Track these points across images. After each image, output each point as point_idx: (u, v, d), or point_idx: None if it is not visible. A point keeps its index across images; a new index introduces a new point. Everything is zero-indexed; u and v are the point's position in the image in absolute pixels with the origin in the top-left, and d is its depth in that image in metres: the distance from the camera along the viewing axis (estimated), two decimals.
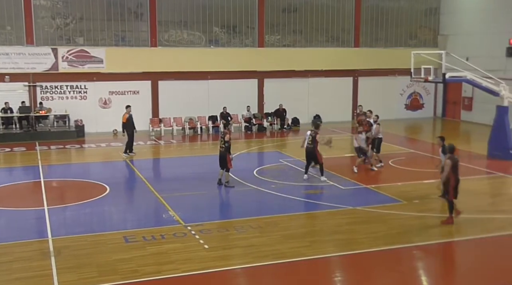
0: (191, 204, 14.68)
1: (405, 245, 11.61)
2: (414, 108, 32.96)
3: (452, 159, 12.84)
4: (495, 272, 10.50)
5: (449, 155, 13.02)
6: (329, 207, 14.30)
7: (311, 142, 16.70)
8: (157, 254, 11.07)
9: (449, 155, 13.02)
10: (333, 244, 11.81)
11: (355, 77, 31.19)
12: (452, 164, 12.77)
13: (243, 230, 12.50)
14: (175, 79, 27.67)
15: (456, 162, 12.90)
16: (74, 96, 26.49)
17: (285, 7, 29.87)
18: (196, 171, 18.97)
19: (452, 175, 12.82)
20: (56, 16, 26.28)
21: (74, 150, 23.03)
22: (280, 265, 10.62)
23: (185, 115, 27.63)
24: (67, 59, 25.92)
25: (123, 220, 13.84)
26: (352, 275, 10.44)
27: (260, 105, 29.48)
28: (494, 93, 20.74)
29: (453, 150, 13.09)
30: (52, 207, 14.24)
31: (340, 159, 19.37)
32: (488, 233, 12.39)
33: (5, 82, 25.26)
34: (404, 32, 32.31)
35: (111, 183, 16.77)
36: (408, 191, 15.89)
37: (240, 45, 29.23)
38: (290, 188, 16.18)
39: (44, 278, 9.91)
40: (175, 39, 28.24)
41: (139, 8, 27.46)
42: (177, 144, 24.99)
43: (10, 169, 19.97)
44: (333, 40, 31.03)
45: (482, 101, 28.28)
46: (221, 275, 10.21)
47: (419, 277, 10.49)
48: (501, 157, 20.13)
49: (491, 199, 15.91)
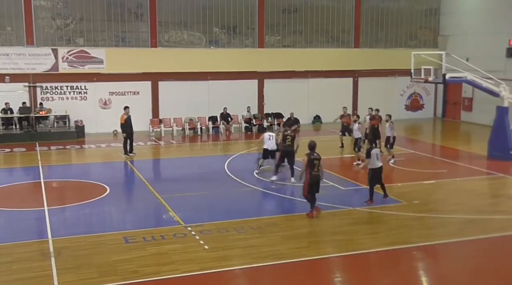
0: (191, 205, 14.68)
1: (405, 245, 11.60)
2: (414, 109, 32.96)
3: (309, 156, 13.26)
4: (495, 273, 10.50)
5: (308, 152, 13.37)
6: (329, 207, 14.30)
7: (291, 142, 16.77)
8: (157, 254, 11.07)
9: (308, 152, 13.37)
10: (333, 244, 11.81)
11: (355, 77, 31.20)
12: (307, 160, 13.19)
13: (243, 231, 12.50)
14: (175, 80, 27.67)
15: (313, 159, 13.18)
16: (74, 96, 26.50)
17: (285, 8, 29.87)
18: (196, 172, 18.98)
19: (308, 171, 13.16)
20: (56, 17, 26.29)
21: (74, 150, 23.03)
22: (280, 266, 10.62)
23: (185, 115, 27.64)
24: (67, 60, 25.93)
25: (123, 221, 13.85)
26: (352, 275, 10.44)
27: (260, 106, 29.50)
28: (494, 94, 20.75)
29: (313, 148, 13.38)
30: (52, 208, 14.24)
31: (340, 159, 19.38)
32: (488, 234, 12.40)
33: (5, 83, 25.27)
34: (404, 33, 32.31)
35: (111, 184, 16.77)
36: (408, 191, 15.89)
37: (240, 46, 29.24)
38: (290, 189, 16.19)
39: (44, 279, 9.92)
40: (175, 39, 28.24)
41: (139, 8, 27.47)
42: (177, 144, 24.99)
43: (10, 169, 19.97)
44: (333, 41, 31.04)
45: (482, 102, 28.29)
46: (221, 275, 10.21)
47: (419, 278, 10.50)
48: (501, 157, 20.13)
49: (491, 200, 15.91)
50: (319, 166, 13.30)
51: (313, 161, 13.24)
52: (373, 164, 14.57)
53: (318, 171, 13.33)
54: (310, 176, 13.26)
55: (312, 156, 13.29)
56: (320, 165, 13.32)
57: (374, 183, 14.68)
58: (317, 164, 13.26)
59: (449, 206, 14.80)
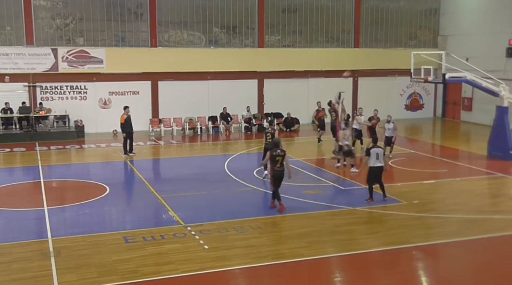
0: (191, 205, 14.68)
1: (404, 245, 11.60)
2: (414, 109, 32.96)
3: (271, 152, 13.94)
4: (495, 273, 10.49)
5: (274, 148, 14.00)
6: (329, 207, 14.30)
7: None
8: (156, 254, 11.07)
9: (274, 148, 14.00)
10: (333, 244, 11.80)
11: (355, 77, 31.18)
12: (270, 156, 13.94)
13: (242, 231, 12.50)
14: (175, 80, 27.66)
15: (275, 155, 13.75)
16: (74, 96, 26.49)
17: (285, 8, 29.86)
18: (196, 172, 18.97)
19: (271, 167, 13.94)
20: (56, 17, 26.28)
21: (74, 150, 23.03)
22: (279, 266, 10.62)
23: (185, 115, 27.64)
24: (67, 60, 25.92)
25: (123, 221, 13.86)
26: (352, 275, 10.44)
27: (260, 106, 29.49)
28: (494, 94, 20.75)
29: (276, 144, 14.07)
30: (52, 208, 14.24)
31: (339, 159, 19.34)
32: (488, 234, 12.40)
33: (5, 83, 25.27)
34: (404, 33, 32.31)
35: (111, 184, 16.77)
36: (408, 191, 15.89)
37: (240, 46, 29.23)
38: (289, 189, 16.16)
39: (43, 279, 9.91)
40: (175, 39, 28.24)
41: (139, 8, 27.47)
42: (177, 144, 24.98)
43: (10, 169, 19.97)
44: (333, 41, 31.04)
45: (482, 102, 28.30)
46: (221, 275, 10.21)
47: (419, 278, 10.49)
48: (501, 157, 20.13)
49: (491, 200, 15.91)
50: (282, 162, 13.76)
51: (275, 157, 13.78)
52: (372, 163, 14.58)
53: (281, 166, 13.79)
54: (273, 171, 13.92)
55: (274, 153, 13.83)
56: (284, 161, 13.80)
57: (373, 182, 14.71)
58: (280, 160, 13.75)
59: (449, 206, 14.81)
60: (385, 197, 14.87)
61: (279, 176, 13.88)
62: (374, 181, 14.70)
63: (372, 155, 14.57)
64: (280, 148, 13.94)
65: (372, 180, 14.69)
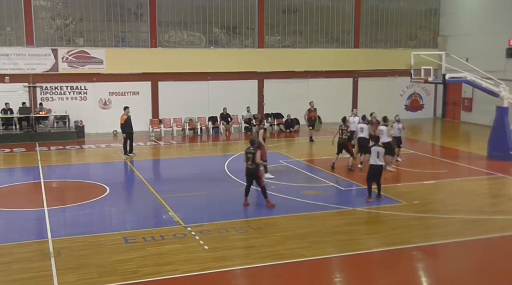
0: (191, 205, 14.68)
1: (405, 245, 11.61)
2: (414, 109, 32.96)
3: (245, 150, 14.47)
4: (495, 273, 10.49)
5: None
6: (329, 207, 14.30)
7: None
8: (157, 255, 11.07)
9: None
10: (333, 245, 11.80)
11: (355, 78, 31.20)
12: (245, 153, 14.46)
13: (242, 231, 12.50)
14: (175, 80, 27.67)
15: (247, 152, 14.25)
16: (74, 97, 26.50)
17: (285, 8, 29.87)
18: (196, 172, 18.97)
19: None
20: (56, 17, 26.29)
21: (74, 151, 23.02)
22: (279, 266, 10.61)
23: (185, 116, 27.64)
24: (67, 60, 25.92)
25: (123, 221, 13.86)
26: (352, 276, 10.43)
27: (260, 106, 29.49)
28: (494, 94, 20.75)
29: (251, 142, 14.45)
30: (52, 208, 14.24)
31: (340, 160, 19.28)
32: (488, 234, 12.40)
33: (5, 83, 25.27)
34: (404, 33, 32.31)
35: (111, 184, 16.77)
36: (408, 191, 15.90)
37: (240, 46, 29.24)
38: (289, 189, 16.19)
39: (44, 279, 9.91)
40: (175, 40, 28.25)
41: (139, 8, 27.47)
42: (177, 145, 24.99)
43: (10, 170, 19.96)
44: (333, 41, 31.04)
45: (482, 102, 28.30)
46: (221, 276, 10.21)
47: (419, 278, 10.49)
48: (501, 157, 20.13)
49: (491, 200, 15.91)
50: (253, 159, 14.09)
51: (247, 154, 14.26)
52: (372, 161, 14.61)
53: (252, 164, 14.16)
54: (245, 168, 14.48)
55: (246, 150, 14.38)
56: (254, 158, 14.08)
57: (371, 180, 14.75)
58: (251, 158, 14.13)
59: (449, 206, 14.80)
60: (379, 196, 14.88)
61: (249, 174, 14.33)
62: (372, 180, 14.73)
63: (373, 153, 14.60)
64: (254, 146, 14.29)
65: (371, 178, 14.72)
